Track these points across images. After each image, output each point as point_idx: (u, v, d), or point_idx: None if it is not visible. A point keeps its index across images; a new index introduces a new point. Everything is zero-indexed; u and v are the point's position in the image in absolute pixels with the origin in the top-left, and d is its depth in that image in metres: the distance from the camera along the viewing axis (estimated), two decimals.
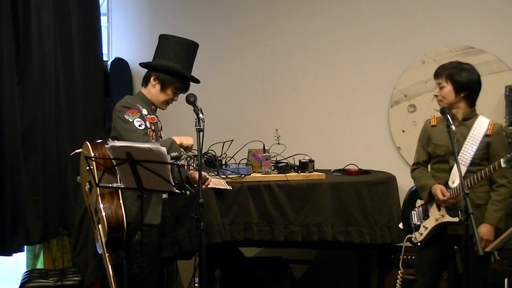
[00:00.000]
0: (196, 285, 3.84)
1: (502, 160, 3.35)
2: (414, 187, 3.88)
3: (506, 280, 4.19)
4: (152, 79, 3.70)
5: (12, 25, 4.46)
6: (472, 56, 4.98)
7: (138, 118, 3.58)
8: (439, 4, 5.09)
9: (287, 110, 5.44)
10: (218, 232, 4.17)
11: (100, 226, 3.56)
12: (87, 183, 3.68)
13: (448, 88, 3.63)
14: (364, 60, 5.27)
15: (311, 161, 4.46)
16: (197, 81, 3.79)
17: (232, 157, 4.42)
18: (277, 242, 4.34)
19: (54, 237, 4.88)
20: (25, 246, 4.73)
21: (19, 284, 4.51)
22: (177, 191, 3.35)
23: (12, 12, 4.45)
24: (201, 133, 3.50)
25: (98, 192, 3.53)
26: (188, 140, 3.70)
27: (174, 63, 3.69)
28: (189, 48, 3.78)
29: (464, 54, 5.01)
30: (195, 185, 3.73)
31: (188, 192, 3.48)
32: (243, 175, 4.27)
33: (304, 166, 4.43)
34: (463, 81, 3.60)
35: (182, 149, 3.70)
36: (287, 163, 4.50)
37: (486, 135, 3.57)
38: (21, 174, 4.50)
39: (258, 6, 5.52)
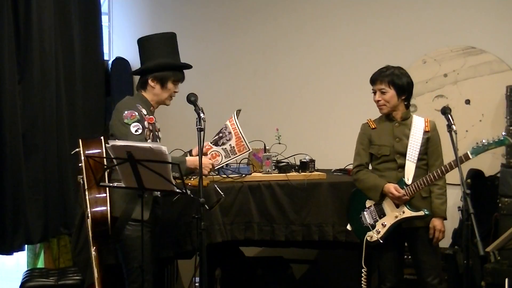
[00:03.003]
0: (196, 284, 3.85)
1: (469, 152, 3.55)
2: (355, 189, 3.97)
3: (506, 280, 4.18)
4: (149, 81, 3.75)
5: (13, 23, 4.46)
6: (473, 56, 4.98)
7: (136, 122, 3.62)
8: (440, 4, 5.09)
9: (288, 110, 5.44)
10: (218, 231, 4.18)
11: (88, 220, 3.62)
12: (80, 178, 3.75)
13: (391, 92, 3.82)
14: (365, 60, 5.26)
15: (312, 160, 4.47)
16: (189, 66, 3.87)
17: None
18: (277, 241, 4.35)
19: (55, 237, 4.88)
20: (26, 245, 4.74)
21: (19, 283, 4.51)
22: (177, 190, 3.36)
23: (13, 11, 4.46)
24: (202, 132, 3.52)
25: (86, 187, 3.58)
26: (204, 166, 3.69)
27: (164, 59, 3.76)
28: (171, 40, 3.85)
29: (465, 54, 5.02)
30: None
31: (189, 192, 3.49)
32: (244, 175, 4.28)
33: (305, 165, 4.43)
34: (404, 85, 3.82)
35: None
36: (288, 162, 4.51)
37: (425, 132, 3.80)
38: (22, 173, 4.50)
39: (259, 6, 5.53)
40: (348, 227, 4.03)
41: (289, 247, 4.59)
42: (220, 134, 4.02)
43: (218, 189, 3.89)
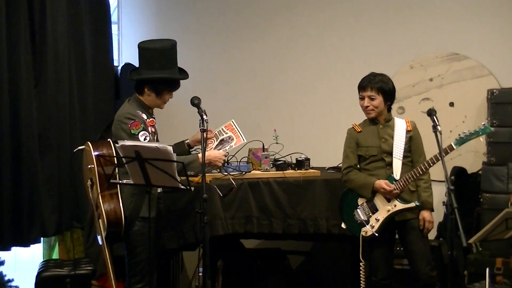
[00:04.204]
0: (200, 274, 3.85)
1: (453, 143, 3.61)
2: (346, 189, 3.98)
3: (487, 269, 4.19)
4: (146, 89, 3.71)
5: (29, 33, 4.47)
6: (457, 62, 4.99)
7: (142, 130, 3.60)
8: (427, 14, 5.10)
9: (285, 112, 5.45)
10: (220, 225, 4.18)
11: (100, 220, 3.58)
12: (89, 180, 3.69)
13: (380, 99, 3.85)
14: (356, 65, 5.27)
15: (307, 159, 4.47)
16: (185, 78, 3.81)
17: (233, 156, 4.42)
18: (275, 234, 4.35)
19: (68, 230, 4.88)
20: (42, 238, 4.74)
21: (36, 273, 4.52)
22: (182, 187, 3.36)
23: (29, 21, 4.46)
24: (205, 133, 3.52)
25: (99, 190, 3.54)
26: (215, 157, 3.81)
27: (161, 72, 3.69)
28: (170, 52, 3.76)
29: (449, 60, 5.02)
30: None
31: (193, 188, 3.50)
32: (244, 172, 4.28)
33: (301, 164, 4.43)
34: (391, 91, 3.87)
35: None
36: (285, 161, 4.51)
37: (407, 131, 3.85)
38: (37, 171, 4.50)
39: (258, 17, 5.53)
40: (343, 225, 4.03)
41: (286, 240, 4.59)
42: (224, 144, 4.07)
43: (232, 180, 4.02)
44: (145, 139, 3.58)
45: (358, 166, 3.95)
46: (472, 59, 4.96)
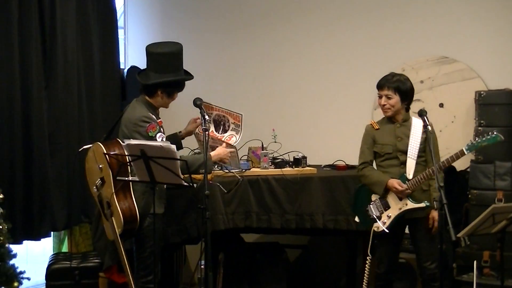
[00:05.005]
0: (202, 267, 3.85)
1: (464, 148, 3.55)
2: (361, 185, 3.95)
3: (475, 262, 4.21)
4: (159, 92, 3.70)
5: (40, 37, 4.49)
6: (447, 65, 4.99)
7: (158, 132, 3.60)
8: (417, 19, 5.09)
9: (283, 112, 5.45)
10: (221, 220, 4.18)
11: (113, 218, 3.56)
12: (99, 179, 3.67)
13: (396, 98, 3.78)
14: (351, 68, 5.28)
15: (304, 157, 4.47)
16: (192, 77, 3.83)
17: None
18: (274, 229, 4.36)
19: (77, 224, 4.89)
20: (52, 232, 4.76)
21: (46, 265, 4.53)
22: (185, 184, 3.37)
23: (40, 26, 4.49)
24: (206, 132, 3.53)
25: (113, 190, 3.53)
26: (224, 154, 3.85)
27: (174, 75, 3.71)
28: (179, 55, 3.78)
29: (439, 63, 5.02)
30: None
31: (195, 185, 3.50)
32: (244, 170, 4.28)
33: (298, 162, 4.44)
34: (408, 91, 3.79)
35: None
36: (283, 159, 4.51)
37: (423, 132, 3.74)
38: (48, 169, 4.52)
39: (257, 20, 5.52)
40: (356, 219, 4.01)
41: (284, 234, 4.59)
42: (220, 125, 4.07)
43: (237, 175, 4.07)
44: (162, 140, 3.59)
45: (374, 162, 3.91)
46: (461, 62, 4.96)
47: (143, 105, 3.71)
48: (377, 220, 3.82)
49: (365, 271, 4.03)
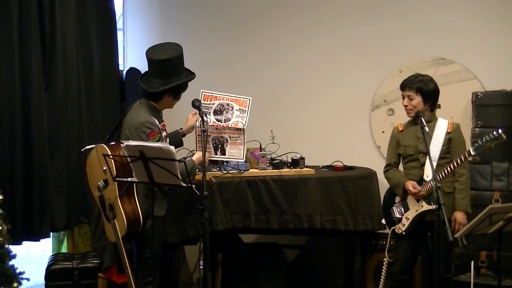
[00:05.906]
0: (201, 267, 3.85)
1: (471, 149, 3.51)
2: (388, 187, 3.96)
3: (472, 262, 4.20)
4: (166, 97, 3.71)
5: (40, 39, 4.48)
6: (443, 66, 4.98)
7: (159, 140, 3.59)
8: (415, 20, 5.09)
9: (281, 113, 5.44)
10: (220, 220, 4.18)
11: (116, 221, 3.55)
12: (102, 181, 3.65)
13: (418, 99, 3.75)
14: (349, 70, 5.27)
15: (302, 158, 4.47)
16: (194, 76, 3.83)
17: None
18: (272, 229, 4.36)
19: (77, 225, 4.89)
20: (51, 233, 4.75)
21: (46, 266, 4.52)
22: (184, 184, 3.36)
23: (40, 28, 4.49)
24: (205, 133, 3.52)
25: (117, 193, 3.51)
26: (198, 157, 3.77)
27: (179, 78, 3.72)
28: (180, 58, 3.78)
29: (436, 64, 5.02)
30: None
31: (194, 186, 3.49)
32: (242, 171, 4.28)
33: (296, 162, 4.43)
34: (431, 92, 3.75)
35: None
36: (281, 160, 4.51)
37: (447, 133, 3.73)
38: (48, 170, 4.51)
39: (253, 14, 5.50)
40: (383, 221, 4.02)
41: (282, 234, 4.58)
42: (222, 114, 4.13)
43: (212, 179, 4.05)
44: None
45: (400, 164, 3.90)
46: (457, 64, 4.96)
47: (148, 109, 3.70)
48: (398, 222, 3.83)
49: (382, 272, 4.02)
